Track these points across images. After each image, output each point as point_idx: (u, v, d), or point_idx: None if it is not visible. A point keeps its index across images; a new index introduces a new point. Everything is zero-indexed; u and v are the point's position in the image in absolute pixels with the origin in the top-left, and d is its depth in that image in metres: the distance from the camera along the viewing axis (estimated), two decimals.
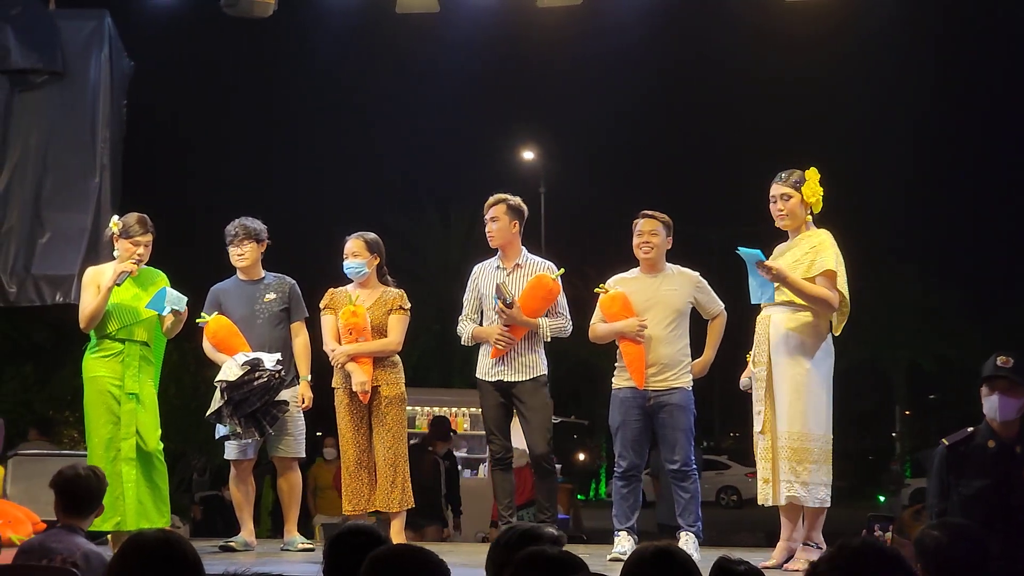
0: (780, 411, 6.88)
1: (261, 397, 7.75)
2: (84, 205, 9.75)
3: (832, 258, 6.87)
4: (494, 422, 7.87)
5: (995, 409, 5.81)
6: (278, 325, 8.13)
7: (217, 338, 8.00)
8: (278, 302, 8.16)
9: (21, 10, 9.91)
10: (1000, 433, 5.82)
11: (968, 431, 5.96)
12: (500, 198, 7.89)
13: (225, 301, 8.17)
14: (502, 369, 7.79)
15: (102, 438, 7.54)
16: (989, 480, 5.73)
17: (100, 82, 9.97)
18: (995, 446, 5.79)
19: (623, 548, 7.39)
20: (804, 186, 7.00)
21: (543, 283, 7.75)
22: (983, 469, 5.77)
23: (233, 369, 7.74)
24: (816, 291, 6.83)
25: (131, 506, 7.48)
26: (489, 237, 7.90)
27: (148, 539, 3.20)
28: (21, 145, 9.90)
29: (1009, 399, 5.78)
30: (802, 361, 6.86)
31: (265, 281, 8.24)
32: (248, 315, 8.10)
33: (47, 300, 9.72)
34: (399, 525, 7.88)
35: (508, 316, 7.64)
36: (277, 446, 8.14)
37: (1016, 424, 5.84)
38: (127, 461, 7.51)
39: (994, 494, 5.70)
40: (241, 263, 8.19)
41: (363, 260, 8.02)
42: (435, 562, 3.19)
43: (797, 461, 6.79)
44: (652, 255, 7.66)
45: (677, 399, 7.55)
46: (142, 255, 7.73)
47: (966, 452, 5.88)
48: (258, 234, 8.23)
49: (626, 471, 7.63)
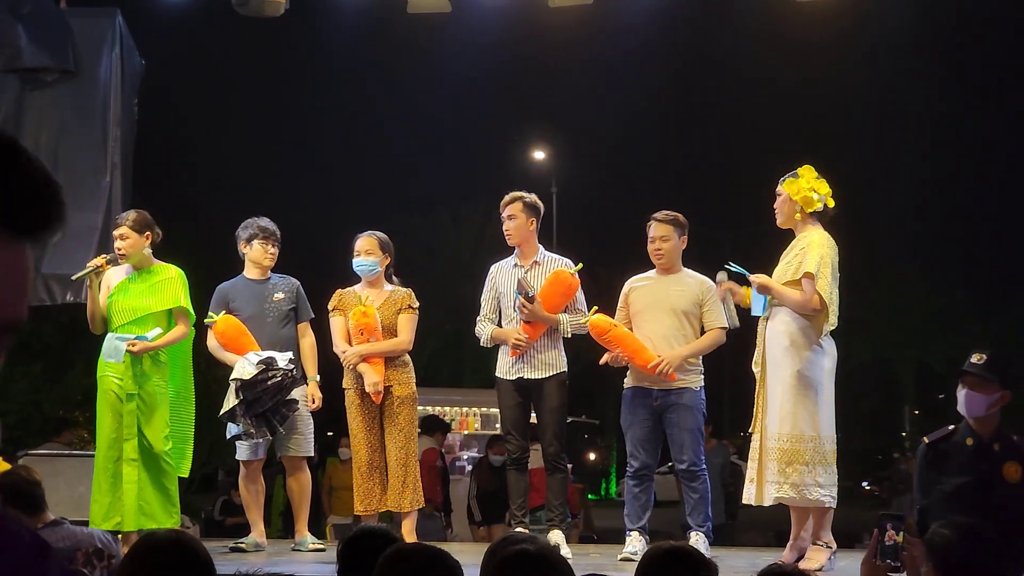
0: (771, 413, 6.89)
1: (273, 396, 7.75)
2: (95, 204, 9.74)
3: (815, 260, 6.78)
4: (512, 422, 7.86)
5: (962, 405, 5.83)
6: (286, 325, 8.15)
7: (226, 337, 8.00)
8: (286, 302, 8.17)
9: (32, 9, 9.91)
10: (977, 430, 5.82)
11: (949, 428, 5.97)
12: (516, 196, 7.88)
13: (234, 299, 8.18)
14: (523, 367, 7.77)
15: (106, 438, 7.54)
16: (968, 477, 5.74)
17: (111, 81, 9.97)
18: (973, 443, 5.79)
19: (634, 548, 7.37)
20: (787, 183, 6.98)
21: (562, 278, 7.74)
22: (962, 466, 5.78)
23: (247, 368, 7.74)
24: (794, 297, 6.83)
25: (130, 507, 7.44)
26: (507, 235, 7.89)
27: (160, 539, 3.20)
28: (32, 144, 9.89)
29: (977, 395, 5.78)
30: (789, 363, 6.84)
31: (272, 281, 8.26)
32: (258, 314, 8.11)
33: (57, 299, 9.71)
34: (410, 525, 7.87)
35: (530, 311, 7.62)
36: (286, 445, 8.13)
37: (994, 421, 5.84)
38: (128, 462, 7.48)
39: (973, 492, 5.70)
40: (270, 262, 8.22)
41: (376, 259, 8.03)
42: (448, 561, 3.19)
43: (787, 462, 6.77)
44: (664, 261, 7.69)
45: (685, 399, 7.54)
46: (121, 248, 7.69)
47: (946, 449, 5.89)
48: (280, 238, 8.29)
49: (638, 471, 7.62)
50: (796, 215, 6.99)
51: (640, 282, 7.80)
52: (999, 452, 5.74)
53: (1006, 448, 5.75)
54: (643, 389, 7.61)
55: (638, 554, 7.27)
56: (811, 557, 6.79)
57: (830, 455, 6.85)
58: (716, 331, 7.63)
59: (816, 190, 6.96)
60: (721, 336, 7.65)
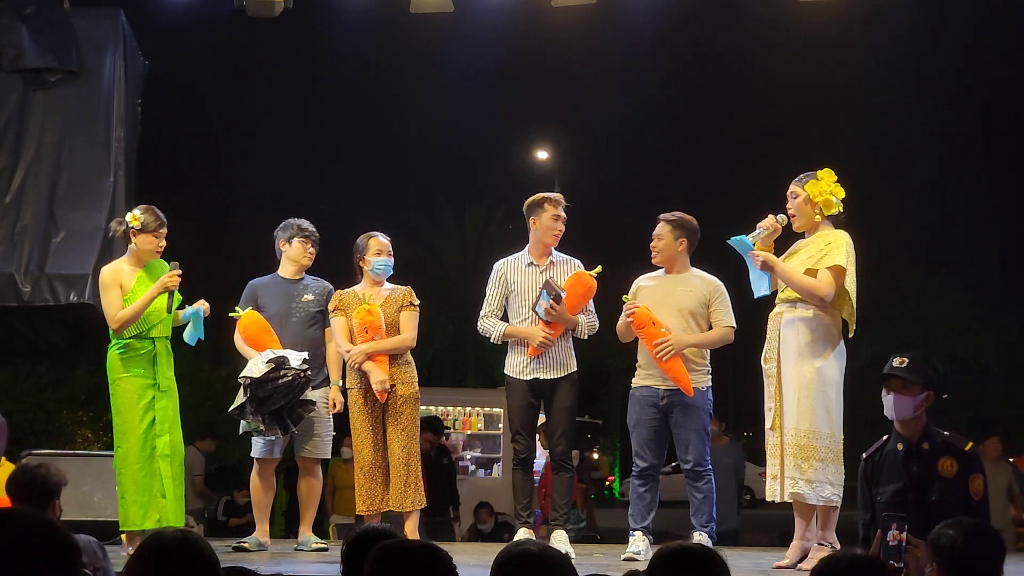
0: (788, 408, 6.91)
1: (285, 395, 7.75)
2: (99, 204, 9.76)
3: (843, 256, 6.88)
4: (521, 422, 7.84)
5: (891, 408, 5.85)
6: (312, 326, 8.16)
7: (248, 333, 8.01)
8: (315, 304, 8.19)
9: (36, 9, 9.92)
10: (906, 435, 5.85)
11: (882, 440, 6.01)
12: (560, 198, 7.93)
13: (263, 296, 8.20)
14: (538, 367, 7.76)
15: (138, 436, 7.54)
16: (902, 482, 5.77)
17: (115, 81, 9.98)
18: (903, 448, 5.83)
19: (637, 548, 7.38)
20: (809, 184, 7.02)
21: (583, 280, 7.74)
22: (895, 473, 5.82)
23: (258, 366, 7.74)
24: (804, 280, 6.87)
25: (171, 503, 7.56)
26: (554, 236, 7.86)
27: (167, 539, 3.20)
28: (35, 144, 9.91)
29: (904, 397, 5.82)
30: (811, 359, 6.88)
31: (304, 282, 8.28)
32: (284, 312, 8.13)
33: (61, 300, 9.72)
34: (413, 524, 7.87)
35: (557, 313, 7.62)
36: (304, 446, 8.16)
37: (920, 423, 5.87)
38: (163, 458, 7.56)
39: (907, 495, 5.74)
40: (308, 261, 8.28)
41: (392, 259, 8.08)
42: (440, 555, 3.18)
43: (803, 458, 6.82)
44: (657, 259, 7.75)
45: (691, 399, 7.54)
46: (162, 247, 7.75)
47: (880, 461, 5.94)
48: (319, 242, 8.36)
49: (643, 471, 7.63)
50: (816, 217, 7.03)
51: (647, 282, 7.81)
52: (929, 451, 5.79)
53: (936, 446, 5.81)
54: (650, 389, 7.61)
55: (641, 554, 7.29)
56: (814, 557, 6.78)
57: (840, 454, 6.88)
58: (724, 328, 7.64)
59: (835, 194, 7.01)
60: (729, 334, 7.66)
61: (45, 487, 5.49)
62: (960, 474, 5.72)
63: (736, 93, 31.68)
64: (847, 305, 6.95)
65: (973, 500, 5.69)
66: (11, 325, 19.17)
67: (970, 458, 5.79)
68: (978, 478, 5.74)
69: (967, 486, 5.71)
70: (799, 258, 7.02)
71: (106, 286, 7.70)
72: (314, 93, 29.70)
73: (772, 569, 6.95)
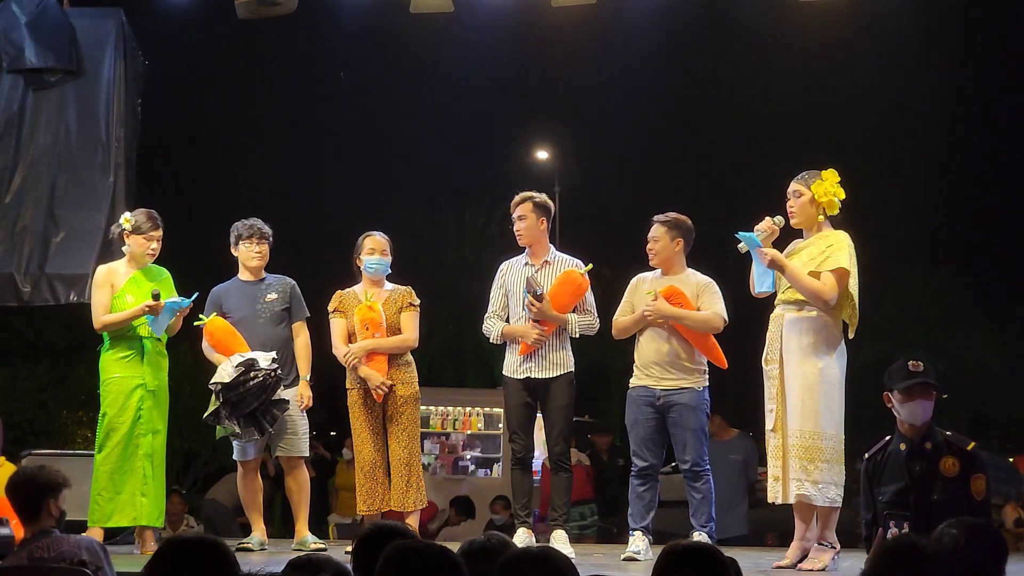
0: (792, 409, 6.90)
1: (258, 396, 7.78)
2: (98, 204, 9.75)
3: (846, 258, 6.88)
4: (518, 421, 7.85)
5: (918, 415, 5.80)
6: (279, 325, 8.16)
7: (214, 339, 8.03)
8: (279, 302, 8.18)
9: (36, 9, 9.91)
10: (910, 436, 5.84)
11: (884, 440, 5.99)
12: (526, 196, 7.89)
13: (226, 301, 8.20)
14: (531, 366, 7.78)
15: (122, 436, 7.62)
16: (904, 482, 5.76)
17: (114, 81, 9.97)
18: (906, 448, 5.81)
19: (636, 548, 7.38)
20: (815, 184, 7.02)
21: (572, 278, 7.74)
22: (897, 473, 5.81)
23: (228, 370, 7.78)
24: (810, 283, 6.86)
25: (151, 502, 7.64)
26: (518, 236, 7.90)
27: (188, 541, 3.23)
28: (35, 144, 9.91)
29: (927, 402, 5.81)
30: (814, 360, 6.87)
31: (266, 281, 8.27)
32: (250, 315, 8.13)
33: (61, 299, 9.73)
34: (414, 524, 7.87)
35: (538, 310, 7.62)
36: (279, 445, 8.17)
37: (926, 424, 5.86)
38: (146, 457, 7.64)
39: (909, 494, 5.74)
40: (257, 262, 8.20)
41: (389, 259, 8.09)
42: (451, 557, 3.19)
43: (808, 460, 6.80)
44: (654, 260, 7.78)
45: (686, 399, 7.56)
46: (155, 250, 7.82)
47: (882, 460, 5.92)
48: (270, 236, 8.28)
49: (642, 470, 7.63)
50: (819, 217, 7.03)
51: (642, 282, 7.82)
52: (932, 450, 5.78)
53: (939, 445, 5.80)
54: (646, 388, 7.62)
55: (640, 554, 7.30)
56: (815, 557, 6.79)
57: (842, 455, 6.88)
58: (711, 313, 7.60)
59: (837, 195, 7.01)
60: (714, 319, 7.59)
61: (35, 486, 5.48)
62: (962, 474, 5.71)
63: (736, 93, 31.64)
64: (849, 307, 6.95)
65: (975, 500, 5.68)
66: (11, 325, 19.19)
67: (972, 458, 5.78)
68: (980, 478, 5.73)
69: (969, 486, 5.70)
70: (800, 259, 7.00)
71: (96, 285, 7.81)
72: (314, 93, 29.65)
73: (772, 569, 6.95)
